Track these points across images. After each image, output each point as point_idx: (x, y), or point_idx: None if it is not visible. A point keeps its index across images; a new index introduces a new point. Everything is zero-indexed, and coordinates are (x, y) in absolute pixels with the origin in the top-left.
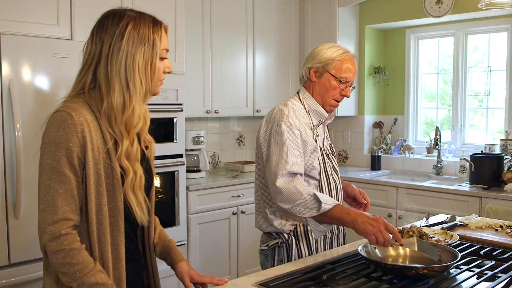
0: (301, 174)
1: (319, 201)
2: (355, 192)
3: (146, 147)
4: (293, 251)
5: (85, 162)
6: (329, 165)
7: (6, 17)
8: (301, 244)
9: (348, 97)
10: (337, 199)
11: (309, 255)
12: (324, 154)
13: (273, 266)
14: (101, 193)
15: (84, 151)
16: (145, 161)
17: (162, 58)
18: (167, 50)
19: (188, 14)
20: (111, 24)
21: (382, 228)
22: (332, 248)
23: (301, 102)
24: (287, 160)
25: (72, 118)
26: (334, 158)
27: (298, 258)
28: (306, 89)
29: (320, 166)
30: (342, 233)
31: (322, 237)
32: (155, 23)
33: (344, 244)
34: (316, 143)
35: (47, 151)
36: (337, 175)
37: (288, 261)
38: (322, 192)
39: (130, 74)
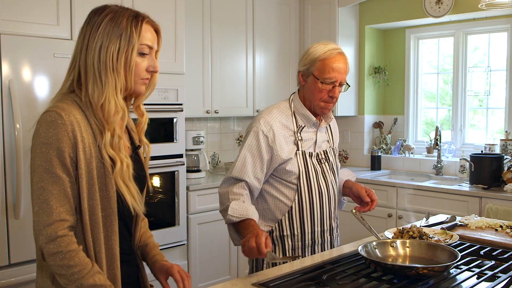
0: (247, 182)
1: (227, 212)
2: (360, 191)
3: (139, 147)
4: None
5: (77, 162)
6: (317, 170)
7: (6, 17)
8: (277, 249)
9: (336, 98)
10: (321, 206)
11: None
12: (313, 159)
13: (252, 269)
14: (93, 194)
15: (76, 150)
16: (134, 156)
17: (143, 54)
18: (150, 47)
19: (188, 14)
20: (93, 17)
21: (251, 239)
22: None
23: (289, 104)
24: (235, 166)
25: (62, 118)
26: (328, 163)
27: (272, 264)
28: (299, 92)
29: (300, 171)
30: (329, 242)
31: (300, 243)
32: (136, 17)
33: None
34: (298, 147)
35: (38, 152)
36: (326, 181)
37: (263, 265)
38: (302, 198)
39: (102, 65)
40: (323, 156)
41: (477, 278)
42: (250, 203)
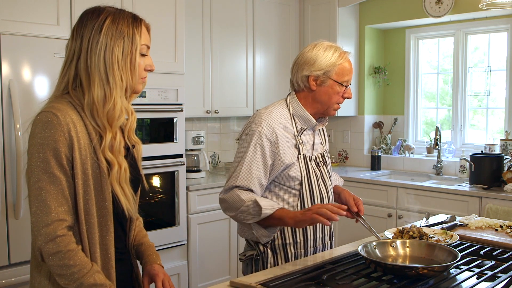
0: (251, 190)
1: (259, 207)
2: (348, 200)
3: (133, 146)
4: (269, 265)
5: (73, 162)
6: (317, 175)
7: (6, 17)
8: (279, 257)
9: (350, 98)
10: None
11: None
12: (312, 163)
13: (252, 269)
14: (88, 194)
15: (72, 150)
16: (129, 158)
17: (142, 55)
18: (148, 47)
19: (188, 14)
20: (90, 19)
21: (319, 206)
22: None
23: (287, 106)
24: (239, 173)
25: (58, 118)
26: (325, 166)
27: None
28: (301, 96)
29: (302, 176)
30: (328, 247)
31: (302, 251)
32: (135, 19)
33: None
34: (299, 151)
35: (34, 153)
36: (326, 184)
37: (262, 265)
38: (304, 204)
39: (109, 67)
40: (321, 159)
41: (477, 278)
42: None
